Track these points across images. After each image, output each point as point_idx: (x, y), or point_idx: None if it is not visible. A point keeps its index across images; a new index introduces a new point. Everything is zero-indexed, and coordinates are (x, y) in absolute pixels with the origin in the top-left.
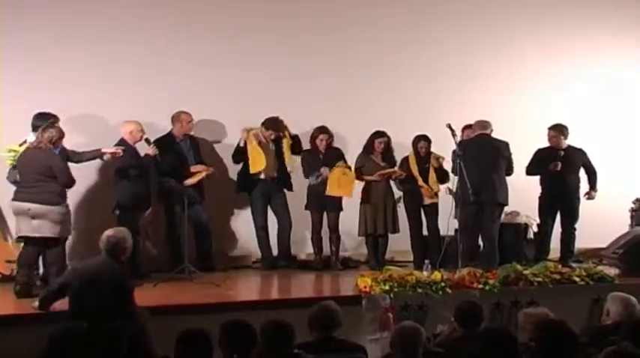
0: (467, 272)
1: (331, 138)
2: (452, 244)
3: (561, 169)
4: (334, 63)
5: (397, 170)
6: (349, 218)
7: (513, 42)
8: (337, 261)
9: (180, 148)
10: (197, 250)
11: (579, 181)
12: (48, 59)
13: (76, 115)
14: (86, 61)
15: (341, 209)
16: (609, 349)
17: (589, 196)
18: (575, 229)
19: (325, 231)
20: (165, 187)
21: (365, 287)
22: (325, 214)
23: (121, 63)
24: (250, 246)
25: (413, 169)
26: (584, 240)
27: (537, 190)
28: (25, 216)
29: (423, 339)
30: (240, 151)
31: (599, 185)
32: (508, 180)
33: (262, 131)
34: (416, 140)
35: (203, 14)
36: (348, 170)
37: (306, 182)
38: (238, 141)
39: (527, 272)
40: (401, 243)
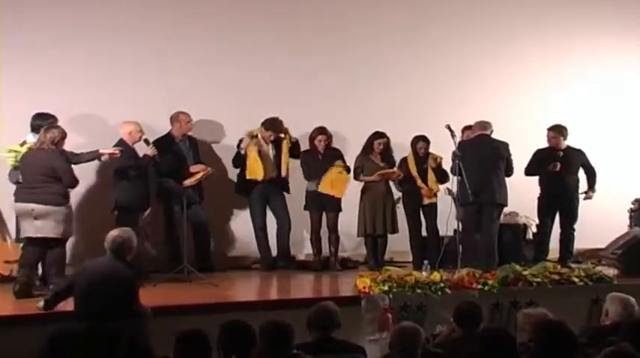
0: (466, 272)
1: (330, 138)
2: (451, 245)
3: (560, 170)
4: (334, 63)
5: (396, 171)
6: (348, 218)
7: (513, 42)
8: (336, 262)
9: (179, 149)
10: (196, 250)
11: (578, 182)
12: (48, 59)
13: (76, 115)
14: (86, 61)
15: (340, 209)
16: (608, 349)
17: (587, 196)
18: (574, 230)
19: (324, 232)
20: (164, 188)
21: (364, 287)
22: (324, 214)
23: (121, 63)
24: (249, 247)
25: (412, 170)
26: (583, 241)
27: (536, 191)
28: (29, 217)
29: (422, 340)
30: (240, 157)
31: (598, 185)
32: (507, 181)
33: (262, 131)
34: (415, 141)
35: (203, 14)
36: (345, 170)
37: (305, 182)
38: (238, 142)
39: (526, 272)
40: (400, 244)
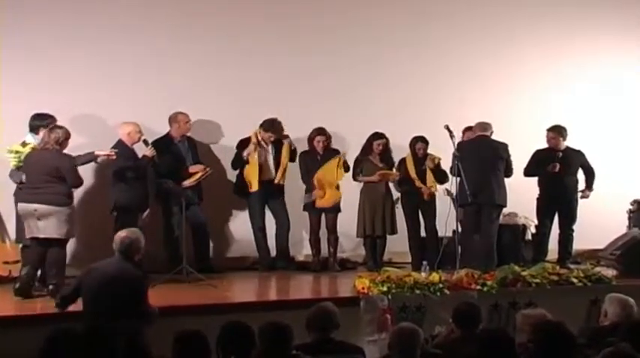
0: (465, 273)
1: (329, 139)
2: (450, 245)
3: (559, 171)
4: (334, 62)
5: (395, 172)
6: (347, 219)
7: (513, 42)
8: (335, 262)
9: (178, 149)
10: (195, 251)
11: (577, 183)
12: (48, 59)
13: (76, 115)
14: (86, 61)
15: (339, 210)
16: (607, 350)
17: (583, 195)
18: (573, 230)
19: (323, 232)
20: (163, 188)
21: (363, 288)
22: (323, 215)
23: (121, 63)
24: (248, 247)
25: (410, 171)
26: (581, 242)
27: (535, 191)
28: (32, 217)
29: (421, 340)
30: (239, 159)
31: (597, 186)
32: (506, 182)
33: (261, 133)
34: (413, 141)
35: (203, 14)
36: (342, 166)
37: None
38: (238, 143)
39: (525, 273)
40: (399, 245)
